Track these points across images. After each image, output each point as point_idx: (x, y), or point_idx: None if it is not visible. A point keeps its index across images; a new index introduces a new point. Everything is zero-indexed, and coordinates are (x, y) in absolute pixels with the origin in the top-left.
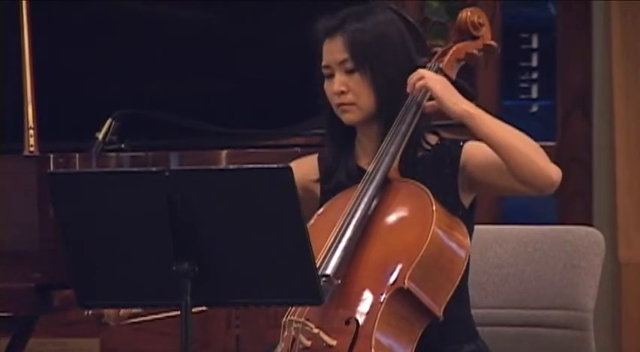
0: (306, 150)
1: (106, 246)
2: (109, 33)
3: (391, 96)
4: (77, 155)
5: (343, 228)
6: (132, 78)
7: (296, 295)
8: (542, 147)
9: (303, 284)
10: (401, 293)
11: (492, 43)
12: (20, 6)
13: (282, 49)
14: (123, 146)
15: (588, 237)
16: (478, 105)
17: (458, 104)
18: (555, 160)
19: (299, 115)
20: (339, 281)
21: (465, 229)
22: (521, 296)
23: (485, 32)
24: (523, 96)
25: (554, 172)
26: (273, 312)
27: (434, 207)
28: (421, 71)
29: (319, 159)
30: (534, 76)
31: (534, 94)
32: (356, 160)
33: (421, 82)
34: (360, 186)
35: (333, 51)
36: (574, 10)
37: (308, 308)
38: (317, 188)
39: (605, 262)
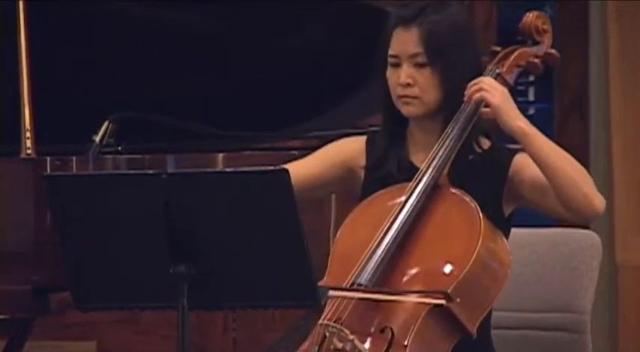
0: (303, 152)
1: (102, 248)
2: (106, 35)
3: (457, 94)
4: (74, 158)
5: (385, 234)
6: (128, 80)
7: (293, 297)
8: None
9: (300, 287)
10: (439, 310)
11: (554, 51)
12: (17, 8)
13: (279, 51)
14: (120, 148)
15: (585, 240)
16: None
17: (514, 119)
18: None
19: (296, 118)
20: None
21: (507, 246)
22: (519, 298)
23: (548, 39)
24: (520, 99)
25: (598, 201)
26: (270, 315)
27: (482, 225)
28: (481, 80)
29: (367, 144)
30: (531, 78)
31: (531, 97)
32: (408, 154)
33: (478, 95)
34: (408, 187)
35: (406, 42)
36: (571, 12)
37: (344, 308)
38: (361, 173)
39: (602, 265)
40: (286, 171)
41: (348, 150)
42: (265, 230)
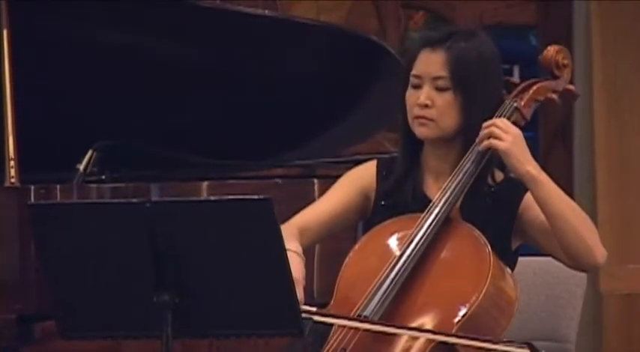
0: (286, 181)
1: (87, 276)
2: (89, 64)
3: (475, 124)
4: (58, 186)
5: (393, 266)
6: (112, 109)
7: (277, 326)
8: None
9: (284, 315)
10: (444, 347)
11: (572, 87)
12: (1, 38)
13: (262, 79)
14: (104, 177)
15: (570, 269)
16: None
17: (523, 164)
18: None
19: (280, 146)
20: None
21: (514, 283)
22: None
23: (567, 74)
24: None
25: (599, 254)
26: (254, 343)
27: (491, 262)
28: (495, 124)
29: (378, 169)
30: None
31: None
32: (422, 183)
33: (487, 143)
34: (419, 219)
35: (431, 63)
36: (555, 43)
37: (349, 340)
38: (373, 198)
39: (586, 293)
40: (270, 200)
41: (361, 178)
42: (249, 258)
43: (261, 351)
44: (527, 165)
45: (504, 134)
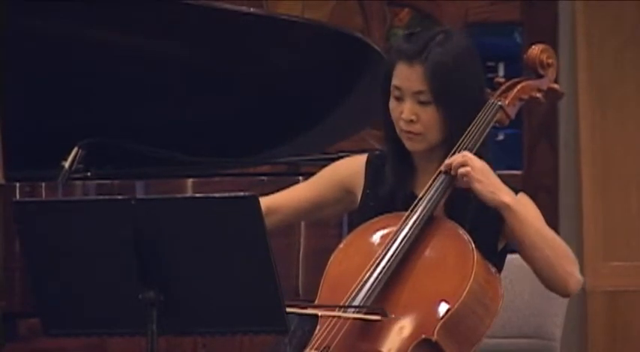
0: (272, 178)
1: (71, 274)
2: (74, 62)
3: (460, 130)
4: (43, 183)
5: (377, 264)
6: (97, 106)
7: (262, 323)
8: (509, 176)
9: (269, 313)
10: (427, 344)
11: (557, 86)
12: None
13: (248, 76)
14: (89, 174)
15: None
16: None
17: (496, 194)
18: (521, 189)
19: (266, 143)
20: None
21: (499, 281)
22: None
23: (552, 73)
24: None
25: (573, 283)
26: (239, 340)
27: (475, 260)
28: (465, 157)
29: (367, 165)
30: None
31: None
32: (411, 182)
33: (463, 170)
34: (403, 217)
35: (410, 79)
36: (540, 40)
37: (333, 336)
38: (359, 193)
39: None
40: (256, 197)
41: (345, 170)
42: (234, 255)
43: (246, 348)
44: (500, 194)
45: (472, 170)
